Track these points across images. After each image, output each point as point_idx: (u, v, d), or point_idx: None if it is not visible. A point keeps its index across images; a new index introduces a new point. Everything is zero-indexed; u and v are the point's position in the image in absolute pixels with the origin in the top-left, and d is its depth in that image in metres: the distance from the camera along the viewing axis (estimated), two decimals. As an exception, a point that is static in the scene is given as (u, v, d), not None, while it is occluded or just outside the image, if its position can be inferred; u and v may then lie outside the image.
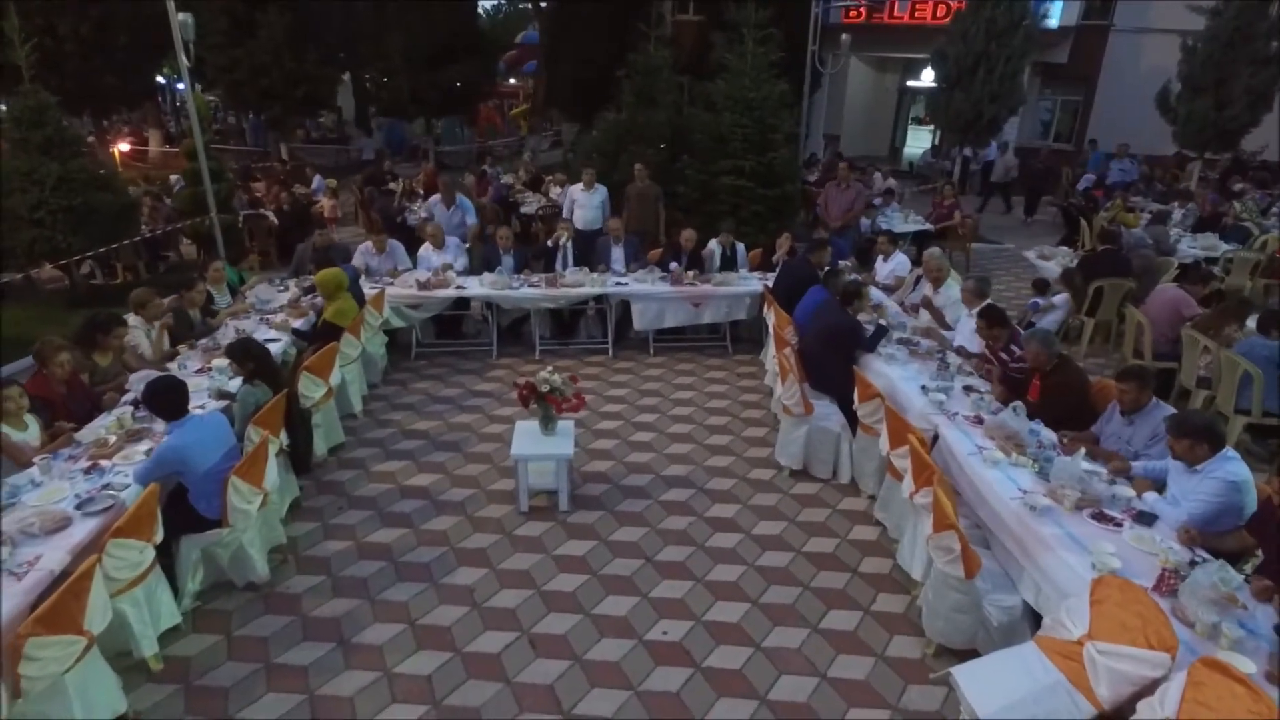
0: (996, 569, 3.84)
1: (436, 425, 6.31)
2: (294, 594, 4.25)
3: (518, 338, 8.15)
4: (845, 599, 4.27)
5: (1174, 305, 6.66)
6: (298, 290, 7.16)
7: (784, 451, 5.57)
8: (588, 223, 9.07)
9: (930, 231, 11.10)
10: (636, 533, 4.85)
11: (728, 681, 3.66)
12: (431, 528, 4.89)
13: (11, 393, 4.16)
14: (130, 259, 10.31)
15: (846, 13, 18.67)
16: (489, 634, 3.96)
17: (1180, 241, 9.86)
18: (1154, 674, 2.76)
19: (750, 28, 10.07)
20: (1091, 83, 20.33)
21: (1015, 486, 3.96)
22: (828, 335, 5.75)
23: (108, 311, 5.33)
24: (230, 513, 3.95)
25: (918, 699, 3.57)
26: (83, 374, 4.90)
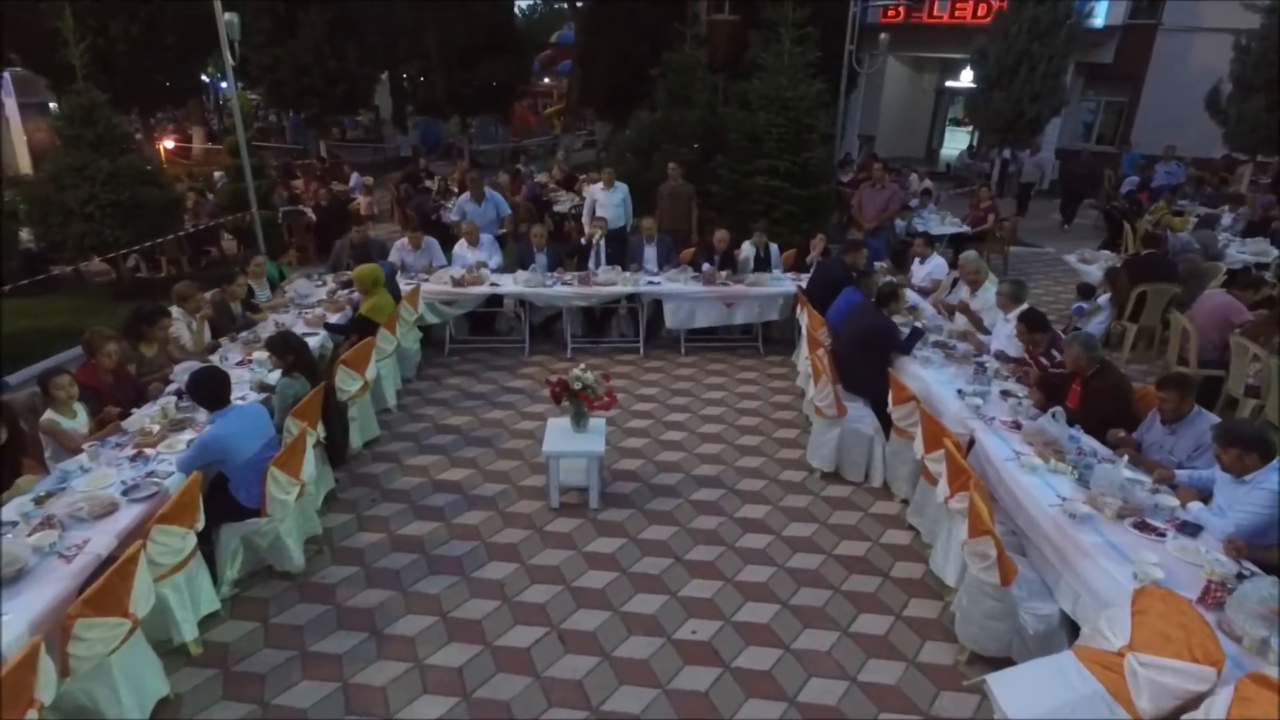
0: (1033, 576, 3.77)
1: (469, 421, 6.37)
2: (329, 584, 4.32)
3: (550, 335, 8.19)
4: (876, 603, 4.23)
5: (1222, 312, 6.48)
6: (335, 285, 7.28)
7: (816, 453, 5.53)
8: (610, 221, 9.08)
9: (967, 234, 10.93)
10: (666, 531, 4.85)
11: (756, 682, 3.64)
12: (463, 521, 4.95)
13: (61, 381, 4.30)
14: (174, 253, 10.57)
15: (885, 12, 18.48)
16: (519, 628, 3.99)
17: (1230, 246, 9.59)
18: (1198, 688, 2.69)
19: (788, 26, 10.01)
20: (1137, 83, 19.85)
21: (1054, 493, 3.88)
22: (862, 337, 5.70)
23: (153, 304, 5.48)
24: (269, 502, 4.03)
25: (950, 706, 3.52)
26: (129, 364, 5.03)
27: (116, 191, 8.67)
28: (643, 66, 15.36)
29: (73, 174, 8.62)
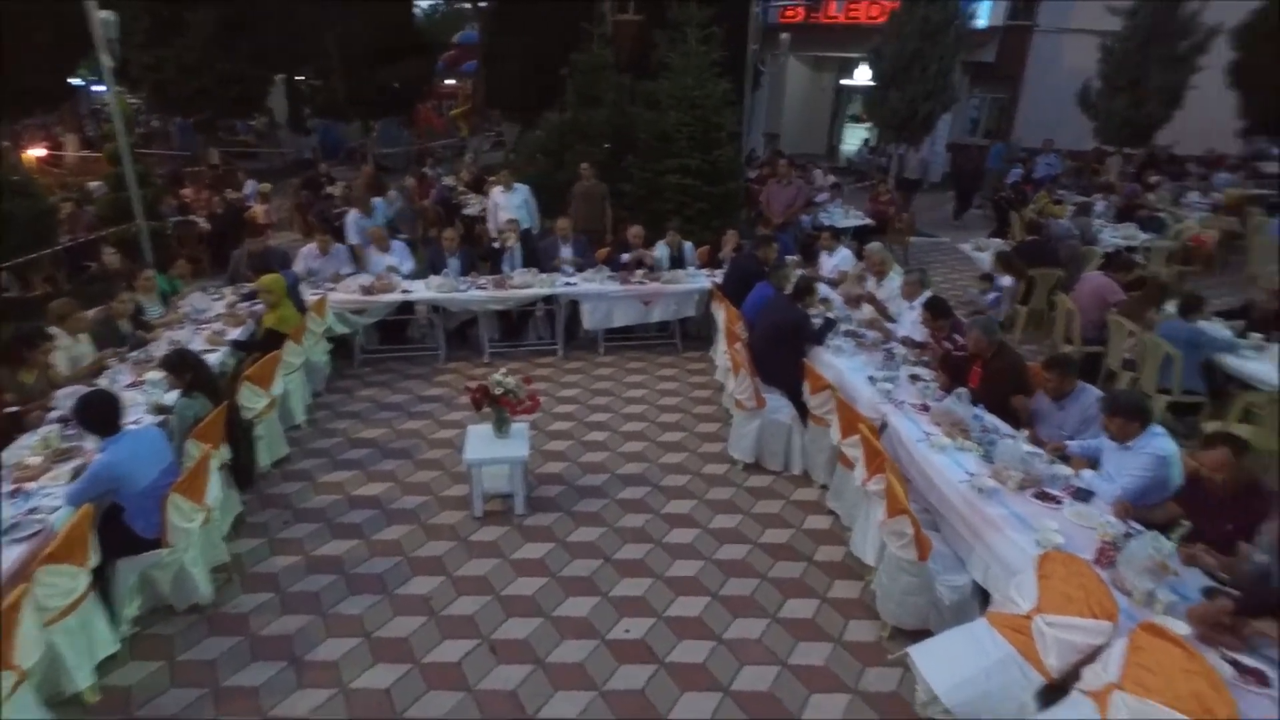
0: (946, 550, 3.95)
1: (384, 432, 6.18)
2: (241, 613, 4.10)
3: (465, 341, 8.04)
4: (802, 588, 4.34)
5: (1100, 293, 6.96)
6: (234, 297, 6.92)
7: (737, 445, 5.63)
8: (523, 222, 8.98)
9: (870, 227, 11.36)
10: (594, 532, 4.84)
11: (691, 676, 3.67)
12: (383, 538, 4.79)
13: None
14: (49, 270, 9.79)
15: (784, 12, 18.97)
16: (448, 643, 3.89)
17: (1103, 232, 10.30)
18: (1098, 641, 2.89)
19: (693, 26, 10.12)
20: (1017, 81, 21.13)
21: (962, 470, 4.08)
22: (777, 330, 5.83)
23: (32, 325, 5.07)
24: (170, 532, 3.79)
25: (876, 680, 3.65)
26: (5, 393, 4.63)
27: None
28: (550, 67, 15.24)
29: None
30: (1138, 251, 9.94)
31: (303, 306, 6.56)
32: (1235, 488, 3.39)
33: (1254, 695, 2.59)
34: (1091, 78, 15.19)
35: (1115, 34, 14.56)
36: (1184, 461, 3.82)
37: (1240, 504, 3.33)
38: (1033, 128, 19.80)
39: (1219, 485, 3.42)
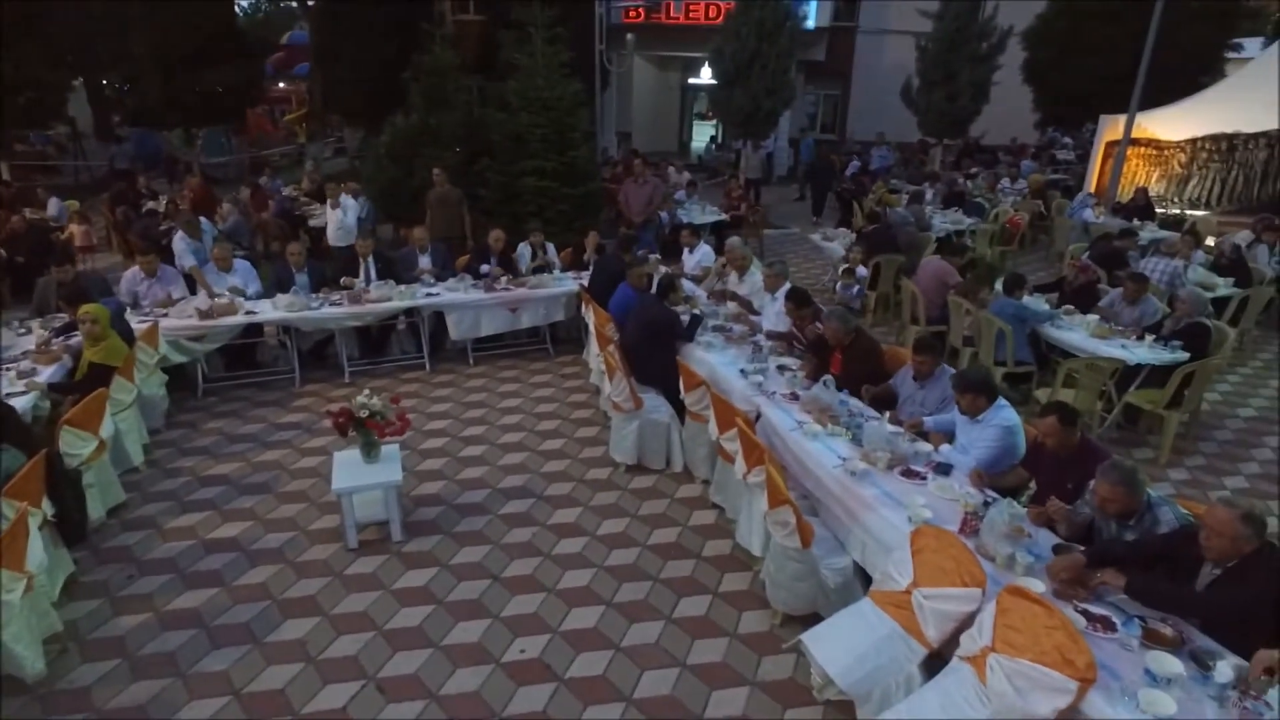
0: (827, 534, 4.13)
1: (239, 467, 5.69)
2: (81, 687, 3.63)
3: (323, 361, 7.55)
4: (694, 585, 4.39)
5: (939, 276, 7.53)
6: (46, 333, 6.13)
7: (618, 448, 5.62)
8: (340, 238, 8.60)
9: (726, 222, 11.73)
10: (479, 552, 4.68)
11: (592, 688, 3.63)
12: (247, 582, 4.40)
13: None
14: None
15: (627, 13, 19.19)
16: (330, 688, 3.63)
17: (934, 217, 11.18)
18: (970, 608, 3.10)
19: (538, 27, 10.02)
20: (846, 79, 22.54)
21: (835, 455, 4.28)
22: (648, 329, 5.88)
23: None
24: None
25: (772, 669, 3.75)
26: None
27: None
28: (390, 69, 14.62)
29: None
30: (965, 235, 10.86)
31: (130, 336, 5.91)
32: (1068, 449, 3.75)
33: (1103, 640, 2.87)
34: (911, 75, 16.43)
35: (927, 34, 15.82)
36: (1026, 429, 4.19)
37: (1076, 463, 3.69)
38: (863, 122, 21.23)
39: (1054, 448, 3.77)
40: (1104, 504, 3.33)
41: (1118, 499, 3.27)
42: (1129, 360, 5.80)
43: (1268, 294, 8.11)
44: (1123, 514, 3.32)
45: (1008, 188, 13.92)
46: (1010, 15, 16.00)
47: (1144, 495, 3.30)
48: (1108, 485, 3.27)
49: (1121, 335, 6.28)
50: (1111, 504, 3.30)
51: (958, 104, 15.43)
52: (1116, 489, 3.25)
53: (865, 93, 21.88)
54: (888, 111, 18.86)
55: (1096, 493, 3.36)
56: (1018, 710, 2.67)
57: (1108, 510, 3.36)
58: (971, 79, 15.19)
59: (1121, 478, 3.25)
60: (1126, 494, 3.25)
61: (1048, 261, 11.71)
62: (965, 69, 15.20)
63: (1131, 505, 3.29)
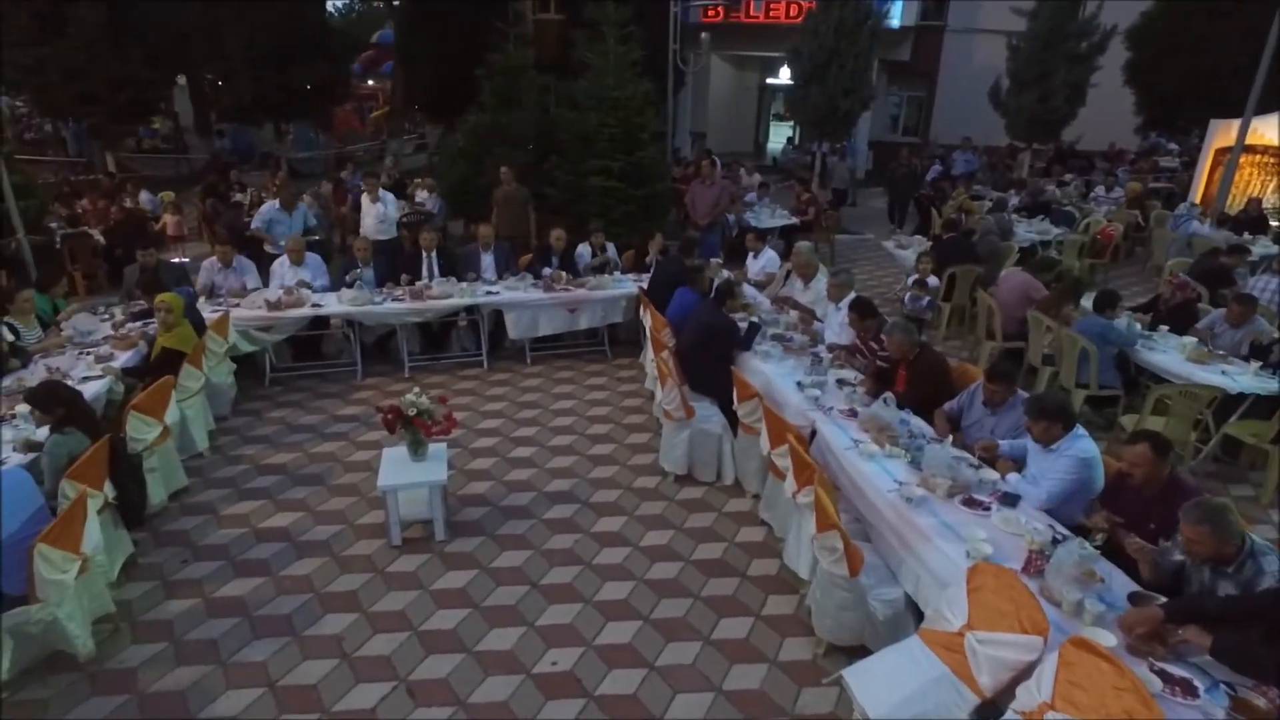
0: (878, 562, 3.89)
1: (296, 457, 5.81)
2: (128, 668, 3.73)
3: (385, 355, 7.67)
4: (736, 605, 4.22)
5: (1023, 290, 7.08)
6: (123, 318, 6.41)
7: (667, 457, 5.48)
8: (377, 231, 8.70)
9: (796, 225, 11.42)
10: (520, 556, 4.62)
11: (622, 708, 3.50)
12: (293, 573, 4.46)
13: None
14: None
15: (705, 12, 18.98)
16: (361, 687, 3.62)
17: (1018, 226, 10.60)
18: (1029, 657, 2.83)
19: (611, 26, 9.95)
20: (932, 79, 21.73)
21: (891, 478, 4.03)
22: (704, 336, 5.71)
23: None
24: (39, 586, 3.41)
25: (812, 702, 3.55)
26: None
27: None
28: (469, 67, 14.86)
29: None
30: (1051, 246, 10.26)
31: (202, 325, 6.12)
32: (1156, 484, 3.42)
33: (1180, 706, 2.57)
34: (1001, 75, 15.68)
35: (1021, 34, 15.06)
36: (1106, 461, 3.85)
37: (1160, 501, 3.35)
38: (949, 124, 20.40)
39: (1139, 482, 3.44)
40: (1190, 546, 3.01)
41: (1202, 540, 2.94)
42: (1230, 388, 5.30)
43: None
44: (1214, 559, 2.99)
45: (1102, 196, 13.11)
46: (1114, 14, 15.08)
47: (1237, 538, 2.95)
48: (1189, 525, 2.95)
49: (1222, 360, 5.76)
50: (1197, 546, 2.97)
51: (1050, 106, 14.62)
52: (1200, 529, 2.92)
53: (952, 94, 21.04)
54: (975, 114, 18.03)
55: (1182, 534, 3.04)
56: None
57: (1195, 555, 3.04)
58: (1067, 80, 14.36)
59: (1203, 516, 2.92)
60: (1212, 535, 2.92)
61: (1144, 277, 10.94)
62: (1061, 69, 14.38)
63: (1222, 550, 2.95)
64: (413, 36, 16.74)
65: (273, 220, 8.22)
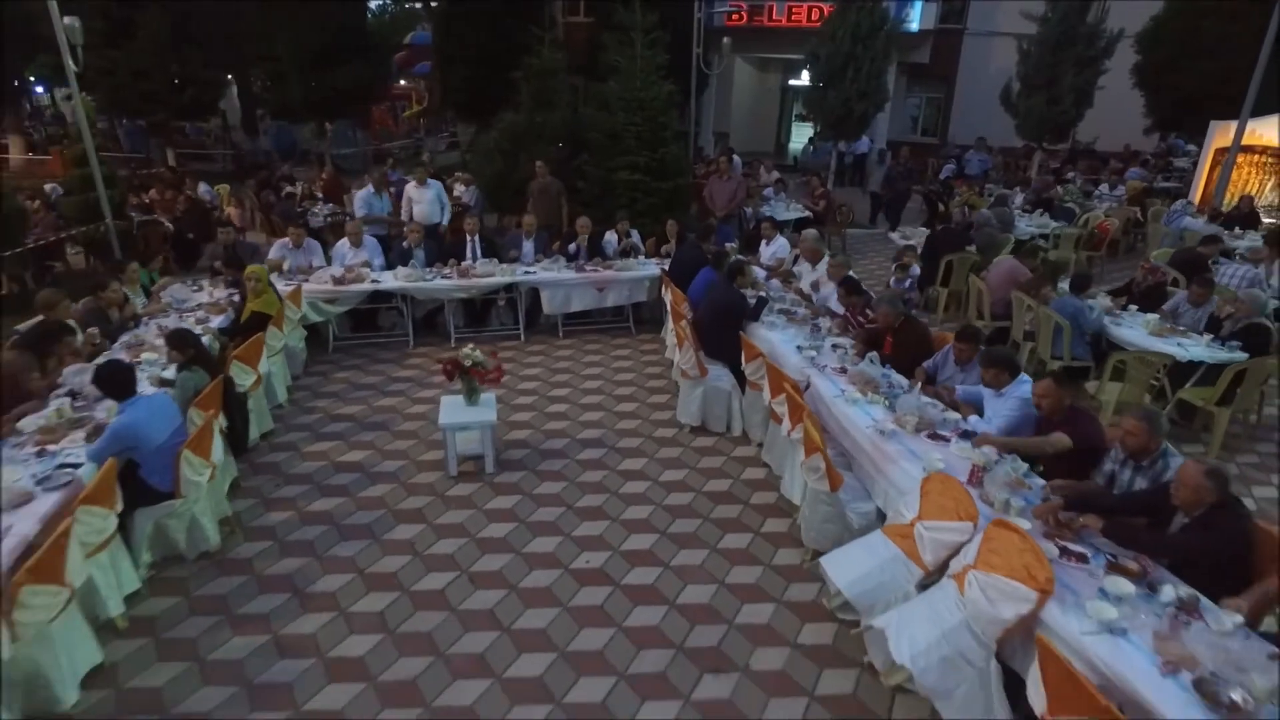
0: (856, 484, 4.68)
1: (361, 409, 6.71)
2: (245, 558, 4.63)
3: (433, 328, 8.57)
4: (739, 525, 5.03)
5: (1011, 274, 7.80)
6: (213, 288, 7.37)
7: (684, 411, 6.31)
8: (425, 216, 9.48)
9: (810, 218, 12.18)
10: (556, 486, 5.47)
11: (642, 594, 4.33)
12: (368, 495, 5.35)
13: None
14: (15, 269, 10.02)
15: (729, 16, 19.76)
16: (432, 575, 4.48)
17: (1020, 221, 11.26)
18: (962, 539, 3.61)
19: (639, 31, 10.77)
20: (951, 81, 22.29)
21: (869, 418, 4.82)
22: (720, 309, 6.51)
23: (55, 321, 5.52)
24: (183, 484, 4.31)
25: (798, 593, 4.36)
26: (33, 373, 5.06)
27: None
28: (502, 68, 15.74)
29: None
30: (1049, 238, 10.92)
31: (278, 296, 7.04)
32: (1059, 413, 4.20)
33: (1072, 569, 3.33)
34: (1012, 78, 16.26)
35: (1030, 37, 15.65)
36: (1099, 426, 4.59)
37: (1067, 425, 4.14)
38: (967, 126, 20.94)
39: (1046, 413, 4.23)
40: (1126, 437, 3.81)
41: (1139, 434, 3.75)
42: (1181, 356, 6.01)
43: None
44: (1140, 451, 3.77)
45: (1105, 193, 13.70)
46: (1122, 18, 15.60)
47: (1163, 440, 3.76)
48: (1133, 420, 3.77)
49: (1181, 334, 6.46)
50: (1133, 439, 3.77)
51: (1058, 109, 15.20)
52: (1141, 424, 3.74)
53: (970, 96, 21.57)
54: (993, 116, 18.57)
55: (1123, 428, 3.83)
56: (986, 615, 3.19)
57: (1128, 445, 3.82)
58: (1074, 83, 14.94)
59: (1144, 415, 3.78)
60: (1146, 430, 3.74)
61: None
62: (1069, 73, 14.97)
63: (1149, 445, 3.75)
64: (449, 39, 17.66)
65: (370, 204, 9.15)
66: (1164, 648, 2.84)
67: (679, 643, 3.97)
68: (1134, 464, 3.84)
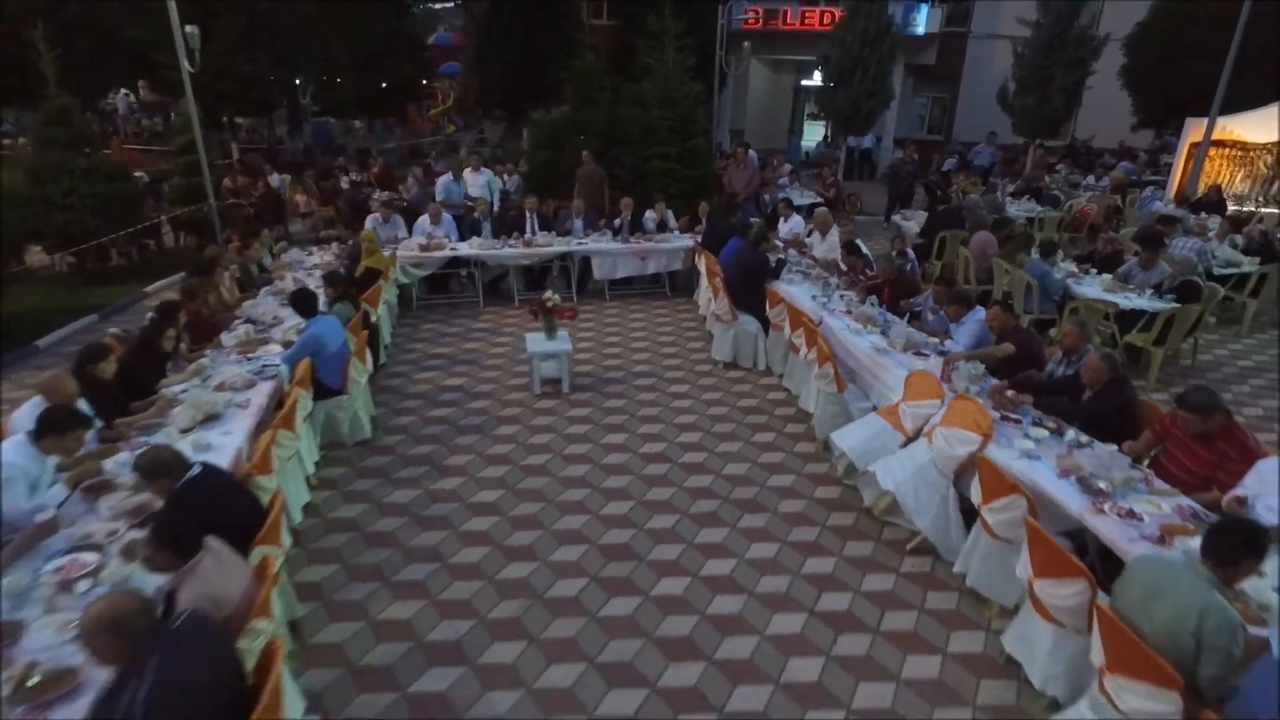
0: (858, 391, 6.09)
1: (452, 349, 8.16)
2: (389, 445, 6.08)
3: (497, 292, 10.00)
4: (766, 428, 6.44)
5: (984, 245, 9.19)
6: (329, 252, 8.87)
7: (719, 349, 7.72)
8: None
9: (821, 203, 13.56)
10: (619, 403, 6.89)
11: (692, 469, 5.75)
12: (473, 406, 6.79)
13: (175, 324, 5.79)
14: (125, 245, 11.53)
15: (746, 20, 21.13)
16: (532, 456, 5.92)
17: (1010, 206, 12.60)
18: (933, 412, 5.01)
19: (670, 37, 12.18)
20: (955, 82, 23.57)
21: (869, 343, 6.21)
22: (748, 268, 7.90)
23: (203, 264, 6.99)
24: (350, 384, 5.76)
25: (815, 469, 5.76)
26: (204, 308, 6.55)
27: (93, 185, 9.73)
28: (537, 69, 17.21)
29: (51, 170, 9.61)
30: (1034, 221, 12.27)
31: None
32: (1007, 332, 5.60)
33: (1009, 425, 4.71)
34: (1008, 79, 17.58)
35: (1025, 39, 16.97)
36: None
37: (1011, 338, 5.54)
38: (972, 124, 22.21)
39: (998, 333, 5.64)
40: (1064, 338, 5.22)
41: (1073, 335, 5.16)
42: (1122, 305, 7.39)
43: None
44: (1072, 349, 5.18)
45: (1091, 184, 15.02)
46: (1109, 23, 16.87)
47: (1088, 343, 5.15)
48: (1070, 326, 5.18)
49: (1133, 291, 7.81)
50: (1069, 339, 5.17)
51: (1050, 107, 16.51)
52: (1074, 329, 5.15)
53: (974, 96, 22.79)
54: (995, 115, 19.85)
55: (1064, 331, 5.25)
56: (946, 454, 4.58)
57: (1064, 344, 5.24)
58: (1064, 84, 16.25)
59: (1077, 322, 5.18)
60: (1077, 333, 5.14)
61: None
62: (1059, 74, 16.27)
63: (1078, 344, 5.16)
64: (489, 41, 19.13)
65: (449, 190, 10.60)
66: (1061, 462, 4.22)
67: (724, 495, 5.41)
68: (1066, 360, 5.22)
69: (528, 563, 4.69)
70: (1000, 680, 3.82)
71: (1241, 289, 8.97)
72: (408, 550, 4.81)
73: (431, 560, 4.70)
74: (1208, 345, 8.50)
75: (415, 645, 4.01)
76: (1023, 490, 3.92)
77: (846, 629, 4.16)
